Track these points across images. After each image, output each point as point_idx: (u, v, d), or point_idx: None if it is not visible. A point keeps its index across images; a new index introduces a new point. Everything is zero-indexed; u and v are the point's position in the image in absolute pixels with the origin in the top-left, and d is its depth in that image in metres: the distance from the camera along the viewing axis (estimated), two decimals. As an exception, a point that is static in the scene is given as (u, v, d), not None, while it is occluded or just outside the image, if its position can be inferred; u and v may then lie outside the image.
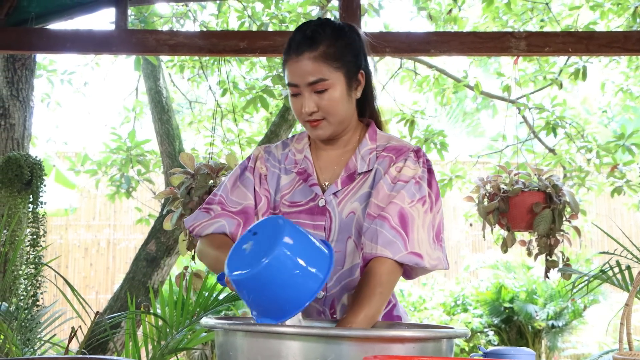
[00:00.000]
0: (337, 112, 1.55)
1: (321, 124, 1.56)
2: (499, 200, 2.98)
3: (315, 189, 1.61)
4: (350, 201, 1.58)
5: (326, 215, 1.58)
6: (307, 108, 1.53)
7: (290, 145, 1.70)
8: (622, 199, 6.42)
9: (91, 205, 8.17)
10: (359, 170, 1.60)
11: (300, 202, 1.61)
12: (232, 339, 1.19)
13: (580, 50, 3.02)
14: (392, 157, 1.59)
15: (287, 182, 1.65)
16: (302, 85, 1.52)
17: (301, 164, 1.65)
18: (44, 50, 3.35)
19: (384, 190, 1.54)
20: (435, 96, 5.63)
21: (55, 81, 5.87)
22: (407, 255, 1.46)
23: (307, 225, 1.58)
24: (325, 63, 1.51)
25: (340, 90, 1.54)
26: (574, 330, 7.04)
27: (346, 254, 1.57)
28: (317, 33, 1.53)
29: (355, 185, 1.59)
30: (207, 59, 5.18)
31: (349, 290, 1.56)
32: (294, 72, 1.53)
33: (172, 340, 2.43)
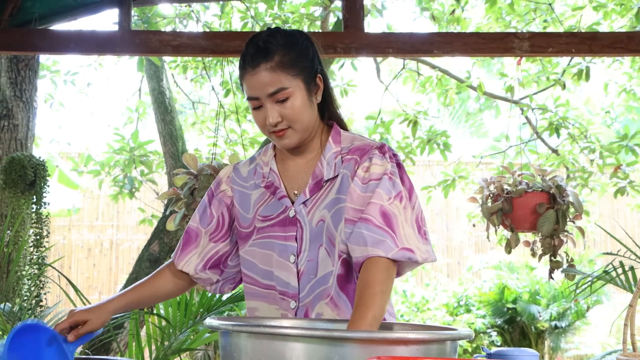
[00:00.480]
0: (302, 119, 1.55)
1: (287, 133, 1.55)
2: (502, 201, 2.98)
3: (284, 202, 1.61)
4: (318, 209, 1.58)
5: (297, 225, 1.58)
6: (272, 119, 1.52)
7: (257, 159, 1.70)
8: (625, 200, 6.41)
9: (94, 205, 8.18)
10: (325, 177, 1.59)
11: (271, 216, 1.62)
12: (235, 340, 1.19)
13: (583, 51, 3.02)
14: (357, 158, 1.59)
15: (258, 197, 1.65)
16: (263, 97, 1.52)
17: (268, 177, 1.65)
18: (47, 51, 3.35)
19: (357, 192, 1.54)
20: (438, 97, 5.63)
21: (58, 82, 5.88)
22: (400, 252, 1.47)
23: (279, 237, 1.59)
24: (282, 72, 1.51)
25: (302, 97, 1.53)
26: (577, 331, 7.03)
27: (318, 262, 1.57)
28: (269, 43, 1.52)
29: (323, 192, 1.59)
30: (210, 60, 5.19)
31: (322, 299, 1.56)
32: (253, 85, 1.51)
33: (176, 341, 2.43)
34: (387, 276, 1.45)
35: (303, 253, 1.57)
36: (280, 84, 1.51)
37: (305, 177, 1.63)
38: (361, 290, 1.44)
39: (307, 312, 1.57)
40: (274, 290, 1.60)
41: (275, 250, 1.60)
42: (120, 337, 4.08)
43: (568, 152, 5.52)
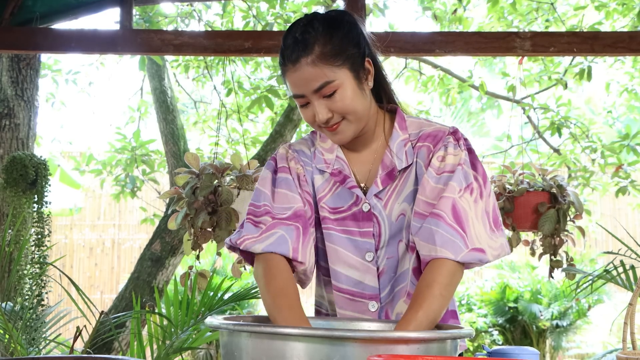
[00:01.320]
0: (354, 110, 1.42)
1: (340, 126, 1.43)
2: (504, 200, 2.98)
3: (355, 191, 1.48)
4: (397, 202, 1.47)
5: (373, 220, 1.47)
6: (321, 116, 1.40)
7: (316, 143, 1.55)
8: (626, 199, 6.41)
9: (96, 205, 8.19)
10: (398, 167, 1.47)
11: (342, 208, 1.49)
12: (236, 340, 1.19)
13: (585, 51, 3.01)
14: (430, 145, 1.47)
15: (322, 183, 1.52)
16: (308, 93, 1.40)
17: (334, 165, 1.51)
18: (48, 50, 3.36)
19: (430, 184, 1.42)
20: (440, 96, 5.63)
21: (60, 81, 5.89)
22: (469, 254, 1.37)
23: (354, 233, 1.48)
24: (325, 64, 1.38)
25: (351, 87, 1.40)
26: (578, 330, 7.03)
27: (399, 259, 1.47)
28: (307, 34, 1.38)
29: (397, 183, 1.48)
30: (212, 59, 5.19)
31: (401, 297, 1.47)
32: (295, 82, 1.40)
33: (177, 340, 2.44)
34: (450, 281, 1.36)
35: (381, 250, 1.47)
36: (325, 77, 1.38)
37: (374, 168, 1.50)
38: (421, 289, 1.34)
39: (387, 314, 1.48)
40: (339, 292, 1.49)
41: (346, 246, 1.49)
42: (122, 336, 4.09)
43: (570, 151, 5.52)
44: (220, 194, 2.58)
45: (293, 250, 1.42)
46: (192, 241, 2.65)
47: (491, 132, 12.02)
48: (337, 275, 1.49)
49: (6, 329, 2.44)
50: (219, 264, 6.82)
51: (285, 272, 1.41)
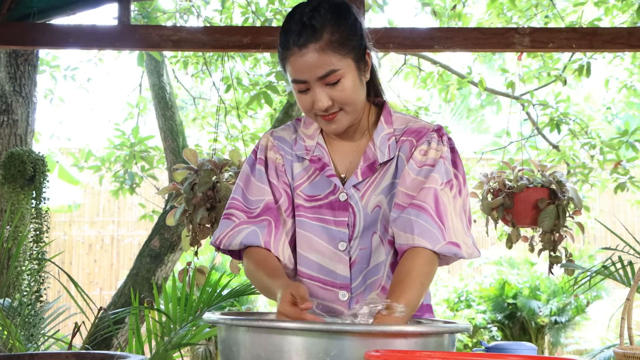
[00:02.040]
0: (354, 101, 1.42)
1: (337, 116, 1.42)
2: (504, 196, 2.98)
3: (334, 180, 1.49)
4: (374, 194, 1.48)
5: (349, 210, 1.47)
6: (322, 103, 1.39)
7: (298, 130, 1.55)
8: (625, 196, 6.41)
9: (95, 201, 8.19)
10: (379, 160, 1.48)
11: (319, 196, 1.50)
12: (234, 335, 1.19)
13: (584, 47, 3.01)
14: (413, 140, 1.48)
15: (300, 171, 1.52)
16: (312, 80, 1.38)
17: (314, 151, 1.51)
18: (46, 45, 3.35)
19: (411, 176, 1.44)
20: (439, 92, 5.63)
21: (58, 77, 5.88)
22: (446, 246, 1.38)
23: (329, 222, 1.48)
24: (333, 52, 1.36)
25: (353, 78, 1.40)
26: (576, 326, 7.04)
27: (372, 251, 1.47)
28: (315, 19, 1.36)
29: (377, 176, 1.49)
30: (210, 55, 5.18)
31: (374, 289, 1.47)
32: (300, 68, 1.37)
33: (176, 336, 2.44)
34: (429, 270, 1.38)
35: (355, 240, 1.47)
36: (332, 65, 1.37)
37: (355, 159, 1.51)
38: (400, 277, 1.36)
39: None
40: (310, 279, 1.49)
41: (319, 234, 1.49)
42: (121, 332, 4.09)
43: (569, 148, 5.52)
44: (219, 190, 2.58)
45: (265, 243, 1.45)
46: (190, 237, 2.64)
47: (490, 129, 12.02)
48: (308, 263, 1.49)
49: (4, 325, 2.44)
50: (218, 260, 6.82)
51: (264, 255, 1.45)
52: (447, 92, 5.51)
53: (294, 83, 1.41)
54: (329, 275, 1.48)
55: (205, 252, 6.60)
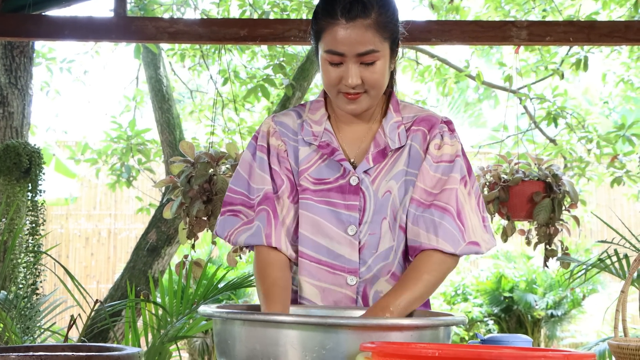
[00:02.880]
0: (381, 86, 1.44)
1: (360, 97, 1.43)
2: (499, 190, 2.98)
3: (344, 164, 1.49)
4: (384, 179, 1.49)
5: (359, 194, 1.48)
6: (353, 80, 1.40)
7: (304, 115, 1.55)
8: (622, 189, 6.42)
9: (92, 194, 8.17)
10: (391, 147, 1.49)
11: (328, 180, 1.49)
12: (230, 328, 1.19)
13: (581, 40, 3.01)
14: (424, 130, 1.50)
15: (306, 156, 1.51)
16: (350, 54, 1.39)
17: (322, 137, 1.51)
18: (41, 37, 3.33)
19: (430, 173, 1.46)
20: (437, 86, 5.62)
21: (54, 69, 5.85)
22: (467, 247, 1.42)
23: (339, 205, 1.48)
24: (377, 32, 1.39)
25: (385, 63, 1.43)
26: (572, 319, 7.06)
27: (381, 236, 1.48)
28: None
29: (388, 162, 1.50)
30: (208, 48, 5.16)
31: (382, 276, 1.49)
32: (342, 40, 1.38)
33: (172, 329, 2.44)
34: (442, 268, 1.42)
35: (364, 225, 1.48)
36: (373, 45, 1.39)
37: (364, 145, 1.52)
38: (412, 274, 1.40)
39: (365, 290, 1.49)
40: (318, 264, 1.49)
41: (329, 218, 1.48)
42: (118, 325, 4.09)
43: (566, 141, 5.52)
44: (216, 183, 2.58)
45: (266, 236, 1.47)
46: (187, 230, 2.64)
47: (488, 123, 12.02)
48: (315, 246, 1.49)
49: (0, 318, 2.44)
50: (216, 253, 6.82)
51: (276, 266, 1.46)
52: (444, 86, 5.50)
53: (328, 54, 1.41)
54: (337, 259, 1.48)
55: (203, 245, 6.60)
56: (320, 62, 1.45)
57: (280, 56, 4.78)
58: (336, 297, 1.49)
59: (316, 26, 1.43)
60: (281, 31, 3.00)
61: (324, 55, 1.42)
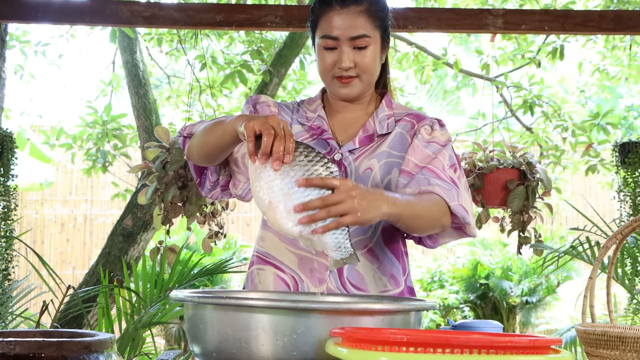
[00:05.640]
0: (372, 71, 1.54)
1: (353, 81, 1.53)
2: (474, 177, 3.00)
3: (331, 142, 1.58)
4: (367, 158, 1.56)
5: (341, 169, 1.55)
6: (346, 63, 1.50)
7: (301, 105, 1.67)
8: (596, 178, 6.51)
9: (67, 179, 8.08)
10: (378, 132, 1.58)
11: None
12: (201, 312, 1.19)
13: (556, 29, 3.04)
14: (413, 122, 1.59)
15: (298, 132, 1.61)
16: (343, 38, 1.49)
17: (314, 121, 1.61)
18: (13, 19, 3.26)
19: (420, 148, 1.54)
20: (415, 73, 5.62)
21: (28, 52, 5.75)
22: (459, 206, 1.47)
23: None
24: (368, 19, 1.50)
25: (376, 50, 1.53)
26: (547, 306, 7.17)
27: None
28: None
29: (373, 145, 1.58)
30: (185, 33, 5.11)
31: (358, 249, 1.52)
32: (336, 24, 1.49)
33: (146, 315, 2.43)
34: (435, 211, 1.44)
35: None
36: (365, 30, 1.50)
37: (353, 130, 1.60)
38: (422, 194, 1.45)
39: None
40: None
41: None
42: (93, 311, 4.06)
43: (542, 130, 5.57)
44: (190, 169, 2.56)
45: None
46: (162, 216, 2.63)
47: (466, 111, 12.08)
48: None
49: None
50: (192, 240, 6.80)
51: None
52: (422, 73, 5.51)
53: (323, 39, 1.51)
54: None
55: (179, 231, 6.57)
56: (317, 50, 1.54)
57: (258, 42, 4.75)
58: (312, 266, 1.53)
59: (313, 16, 1.54)
60: (257, 17, 2.98)
61: (320, 42, 1.52)
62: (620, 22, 3.01)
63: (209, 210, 2.71)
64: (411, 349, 0.87)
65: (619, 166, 3.64)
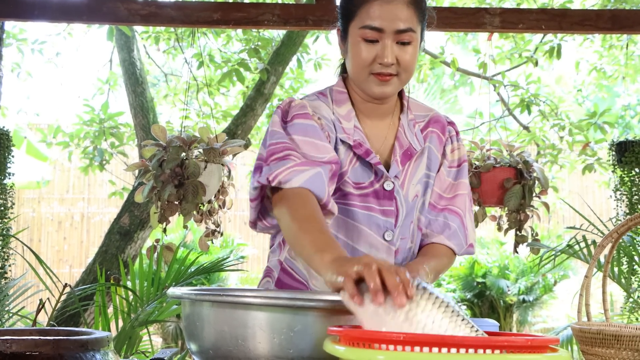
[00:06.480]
0: (411, 70, 1.40)
1: (392, 80, 1.38)
2: (471, 176, 3.01)
3: (380, 170, 1.43)
4: (412, 183, 1.47)
5: (394, 199, 1.44)
6: (389, 58, 1.34)
7: (332, 109, 1.46)
8: (593, 176, 6.52)
9: (65, 178, 8.07)
10: (416, 149, 1.47)
11: (364, 183, 1.43)
12: (198, 310, 1.19)
13: (553, 28, 3.04)
14: (438, 133, 1.52)
15: (344, 156, 1.43)
16: (389, 31, 1.34)
17: (354, 135, 1.43)
18: (10, 17, 3.26)
19: (445, 178, 1.51)
20: (412, 72, 5.62)
21: (25, 50, 5.74)
22: (466, 249, 1.52)
23: (376, 210, 1.43)
24: (415, 12, 1.36)
25: (416, 47, 1.39)
26: (544, 304, 7.18)
27: (409, 239, 1.49)
28: None
29: (411, 164, 1.47)
30: (182, 31, 5.11)
31: None
32: (382, 15, 1.33)
33: (143, 313, 2.43)
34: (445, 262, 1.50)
35: (397, 229, 1.45)
36: (412, 24, 1.35)
37: (388, 142, 1.47)
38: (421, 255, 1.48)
39: None
40: None
41: (368, 224, 1.43)
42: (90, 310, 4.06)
43: (539, 129, 5.57)
44: (187, 167, 2.56)
45: (328, 193, 1.31)
46: (159, 214, 2.62)
47: (464, 110, 12.09)
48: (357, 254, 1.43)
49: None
50: (189, 238, 6.80)
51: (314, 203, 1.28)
52: (420, 72, 5.52)
53: (365, 29, 1.35)
54: None
55: (176, 230, 6.56)
56: (351, 43, 1.38)
57: (256, 40, 4.75)
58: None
59: (349, 4, 1.38)
60: (255, 15, 2.98)
61: (358, 32, 1.36)
62: (617, 21, 3.01)
63: (205, 209, 2.71)
64: (407, 347, 0.88)
65: (616, 165, 3.65)
